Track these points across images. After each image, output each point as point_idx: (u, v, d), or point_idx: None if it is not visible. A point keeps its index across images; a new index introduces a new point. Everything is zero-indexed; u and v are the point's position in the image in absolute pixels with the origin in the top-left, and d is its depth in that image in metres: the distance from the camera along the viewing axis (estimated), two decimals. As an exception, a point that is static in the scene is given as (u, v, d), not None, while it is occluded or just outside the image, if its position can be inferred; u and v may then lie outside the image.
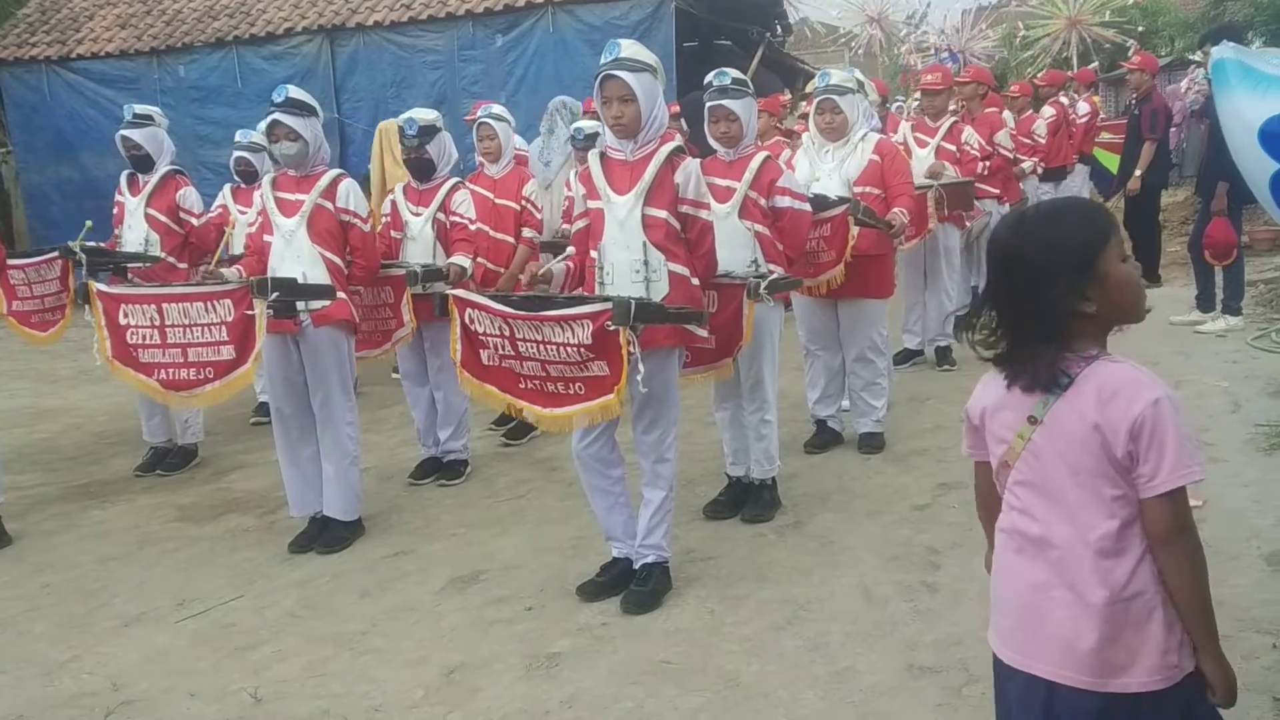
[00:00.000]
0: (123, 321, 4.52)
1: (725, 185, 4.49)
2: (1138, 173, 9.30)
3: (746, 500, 4.87)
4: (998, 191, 8.18)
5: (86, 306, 4.64)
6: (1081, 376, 1.86)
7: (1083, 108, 12.21)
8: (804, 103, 11.24)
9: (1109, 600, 1.86)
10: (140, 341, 4.52)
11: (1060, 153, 11.51)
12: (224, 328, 4.38)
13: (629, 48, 3.86)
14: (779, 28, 18.12)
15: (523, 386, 3.84)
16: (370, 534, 4.98)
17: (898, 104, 12.66)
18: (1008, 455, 1.97)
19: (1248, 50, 4.10)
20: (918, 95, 8.10)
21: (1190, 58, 17.02)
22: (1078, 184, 12.38)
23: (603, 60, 3.84)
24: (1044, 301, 1.86)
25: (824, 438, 5.79)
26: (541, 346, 3.69)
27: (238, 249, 5.98)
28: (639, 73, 3.80)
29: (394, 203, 5.53)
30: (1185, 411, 1.88)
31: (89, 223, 6.04)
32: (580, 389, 3.71)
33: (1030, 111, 10.98)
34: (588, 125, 7.01)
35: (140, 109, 6.21)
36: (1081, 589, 1.88)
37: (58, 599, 4.49)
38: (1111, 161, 11.07)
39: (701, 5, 14.34)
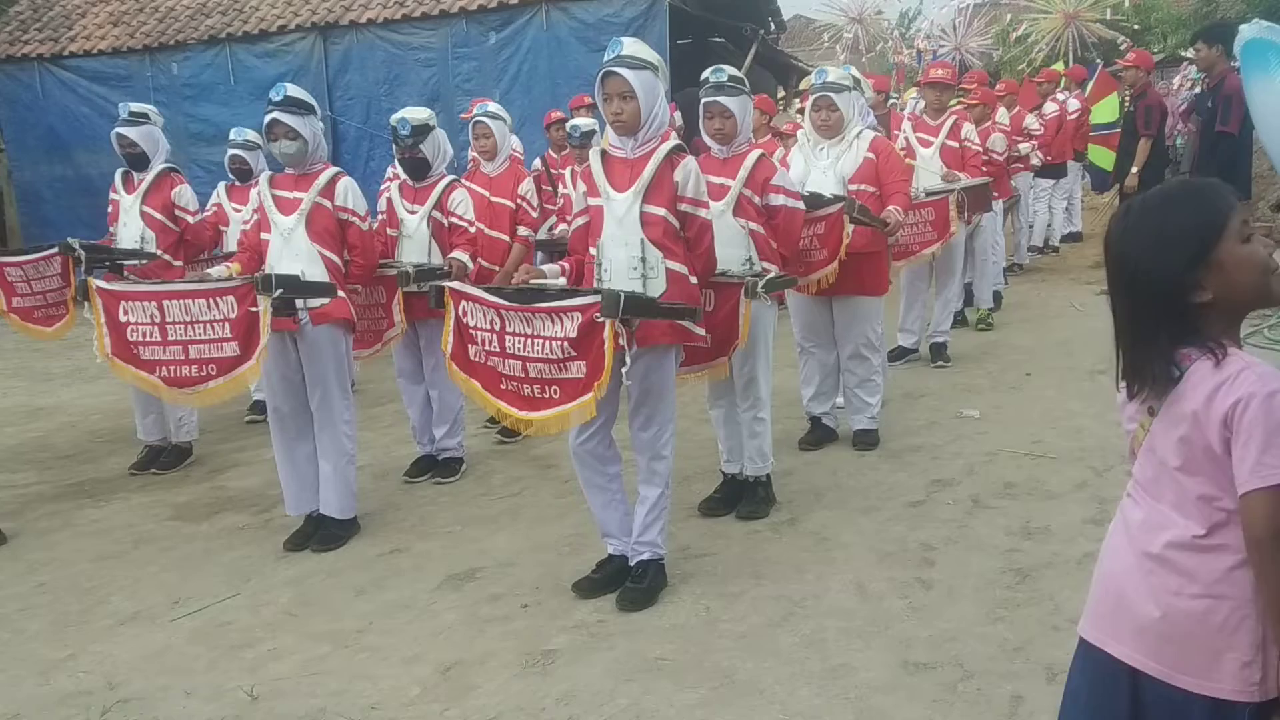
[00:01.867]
0: (123, 318, 4.52)
1: (719, 183, 4.50)
2: (1134, 169, 9.32)
3: (742, 497, 4.88)
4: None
5: (86, 303, 4.63)
6: (1193, 369, 1.80)
7: (1073, 104, 12.24)
8: (798, 100, 11.27)
9: (1186, 598, 1.83)
10: (141, 339, 4.51)
11: (1059, 149, 11.55)
12: (227, 324, 4.38)
13: (631, 45, 3.88)
14: (772, 24, 18.14)
15: (503, 386, 3.85)
16: (366, 532, 4.98)
17: (893, 101, 12.67)
18: (1133, 443, 1.96)
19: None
20: (915, 93, 8.11)
21: (1183, 55, 17.03)
22: (1072, 180, 12.42)
23: (605, 58, 3.86)
24: (1151, 296, 1.81)
25: (819, 435, 5.80)
26: (529, 341, 3.70)
27: (232, 247, 5.97)
28: (640, 70, 3.81)
29: (389, 201, 5.52)
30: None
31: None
32: (555, 392, 3.72)
33: (1019, 109, 10.99)
34: (584, 123, 7.03)
35: (136, 107, 6.20)
36: (1164, 582, 1.85)
37: (53, 597, 4.49)
38: (1105, 158, 11.09)
39: (695, 2, 14.36)
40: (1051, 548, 4.21)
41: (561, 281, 4.09)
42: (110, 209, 6.27)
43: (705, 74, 4.61)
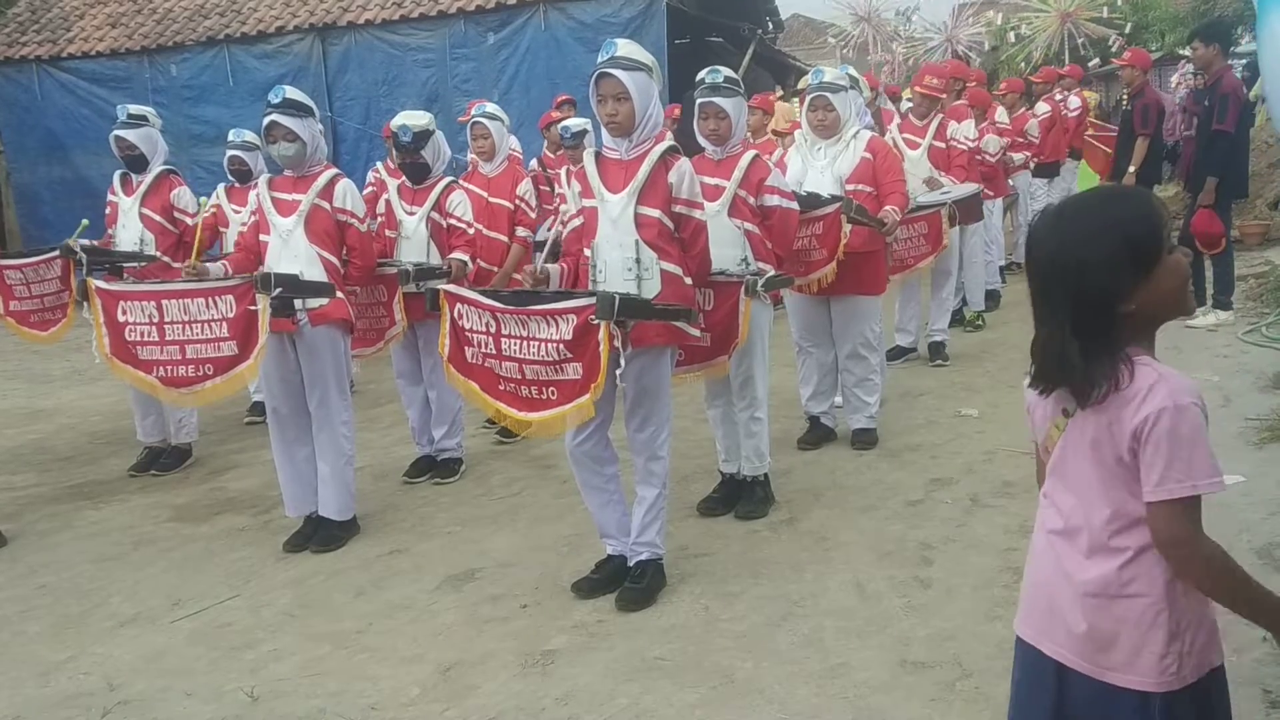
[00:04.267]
0: (121, 319, 4.53)
1: (714, 184, 4.50)
2: (1131, 169, 9.32)
3: (740, 497, 4.88)
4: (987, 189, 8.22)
5: (86, 304, 4.63)
6: (1109, 377, 1.81)
7: (1073, 102, 12.24)
8: (795, 99, 11.27)
9: (1096, 594, 1.88)
10: (139, 339, 4.52)
11: (1054, 149, 11.55)
12: (225, 324, 4.39)
13: (625, 47, 3.89)
14: (770, 24, 18.16)
15: (501, 388, 3.87)
16: (365, 533, 4.99)
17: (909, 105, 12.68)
18: (1047, 442, 1.99)
19: None
20: (908, 97, 8.14)
21: (1180, 53, 17.05)
22: (1069, 179, 12.42)
23: (599, 59, 3.87)
24: (1081, 303, 1.81)
25: (817, 434, 5.81)
26: (525, 343, 3.71)
27: (231, 248, 5.97)
28: (634, 71, 3.82)
29: (388, 202, 5.53)
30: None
31: (85, 221, 6.04)
32: (553, 393, 3.73)
33: (1024, 109, 11.00)
34: (574, 124, 7.04)
35: (134, 109, 6.21)
36: (1079, 579, 1.90)
37: (53, 599, 4.50)
38: (1090, 178, 11.13)
39: (693, 2, 14.38)
40: (1049, 546, 4.21)
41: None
42: (109, 211, 6.29)
43: (701, 75, 4.62)
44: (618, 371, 3.68)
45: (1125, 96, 10.25)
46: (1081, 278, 1.80)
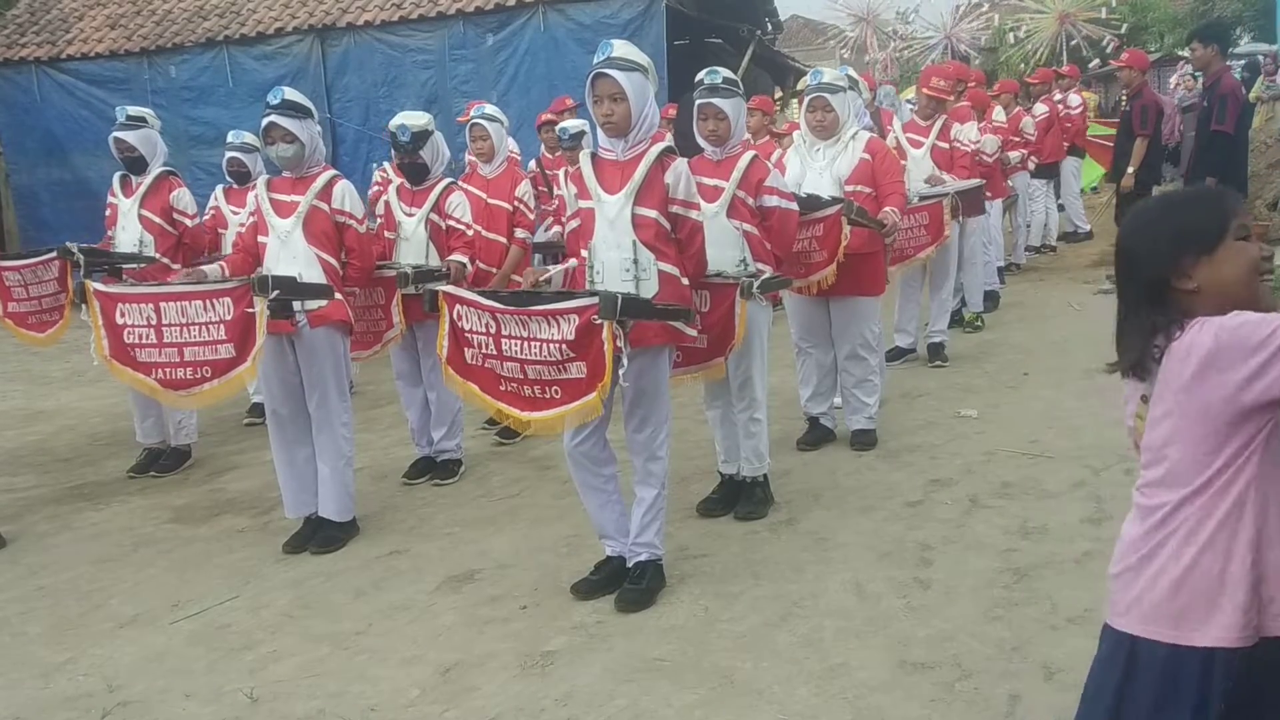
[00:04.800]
0: (120, 321, 4.52)
1: (713, 184, 4.51)
2: (1130, 169, 9.33)
3: (740, 498, 4.88)
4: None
5: (84, 306, 4.63)
6: (1170, 346, 1.87)
7: (1074, 100, 12.26)
8: (795, 100, 11.28)
9: (1187, 556, 1.89)
10: (137, 341, 4.52)
11: (1053, 149, 11.57)
12: (223, 326, 4.38)
13: (621, 47, 3.89)
14: (770, 25, 18.16)
15: (502, 388, 3.87)
16: (365, 534, 4.99)
17: (909, 104, 12.68)
18: (1134, 436, 2.03)
19: None
20: (911, 98, 8.14)
21: (1179, 54, 17.07)
22: (1071, 179, 12.44)
23: (595, 60, 3.87)
24: (1139, 280, 1.93)
25: (816, 435, 5.81)
26: (526, 344, 3.71)
27: (230, 249, 5.97)
28: (630, 72, 3.82)
29: (387, 203, 5.53)
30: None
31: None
32: (556, 393, 3.73)
33: (1019, 109, 11.02)
34: (572, 125, 7.04)
35: (133, 110, 6.21)
36: (1164, 551, 1.92)
37: (53, 601, 4.50)
38: (1094, 171, 11.12)
39: (692, 3, 14.37)
40: (1049, 547, 4.22)
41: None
42: (108, 212, 6.29)
43: (700, 76, 4.63)
44: (620, 371, 3.68)
45: (1124, 97, 10.27)
46: (1137, 254, 1.95)
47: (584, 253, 4.01)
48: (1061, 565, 4.04)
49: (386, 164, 7.10)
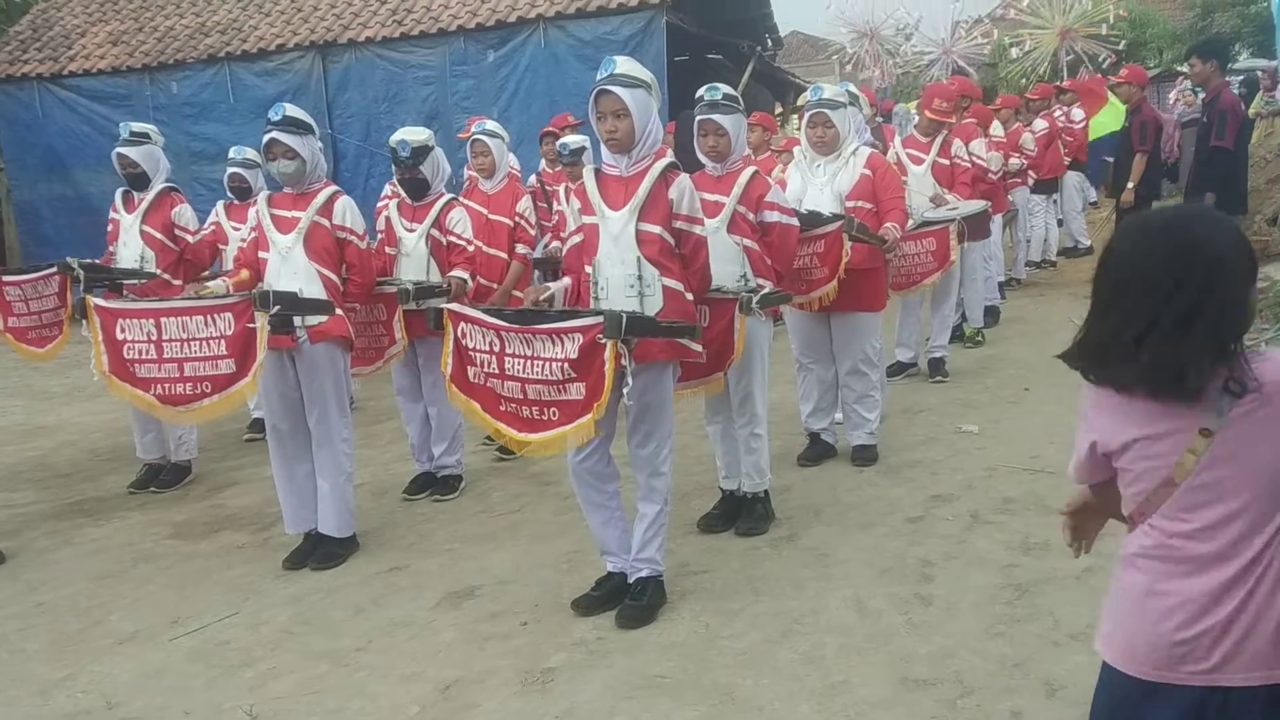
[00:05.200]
0: (120, 336, 4.53)
1: (714, 200, 4.51)
2: (1130, 185, 9.34)
3: (740, 514, 4.88)
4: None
5: (84, 321, 4.63)
6: (1260, 370, 1.79)
7: (1077, 114, 12.28)
8: (795, 116, 11.31)
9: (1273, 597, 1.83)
10: (137, 356, 4.52)
11: (1052, 165, 11.59)
12: (223, 341, 4.38)
13: (624, 64, 3.90)
14: (769, 41, 18.23)
15: (501, 408, 3.86)
16: (364, 550, 4.98)
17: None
18: (1175, 474, 1.86)
19: None
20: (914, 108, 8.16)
21: (1178, 69, 17.13)
22: (1072, 192, 12.43)
23: (599, 76, 3.89)
24: (1234, 300, 1.81)
25: (817, 450, 5.80)
26: (529, 363, 3.71)
27: (230, 265, 5.98)
28: (633, 88, 3.83)
29: (388, 219, 5.54)
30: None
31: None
32: (554, 414, 3.73)
33: (1018, 124, 11.05)
34: (572, 140, 7.06)
35: (137, 127, 6.23)
36: (1258, 589, 1.83)
37: (52, 617, 4.49)
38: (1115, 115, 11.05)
39: (692, 20, 14.42)
40: (1050, 563, 4.21)
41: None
42: (110, 228, 6.30)
43: (700, 92, 4.64)
44: (625, 390, 3.68)
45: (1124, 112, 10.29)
46: (1231, 263, 1.80)
47: (588, 269, 4.01)
48: (1063, 581, 4.03)
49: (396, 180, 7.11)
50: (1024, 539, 4.49)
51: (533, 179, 8.24)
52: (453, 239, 5.46)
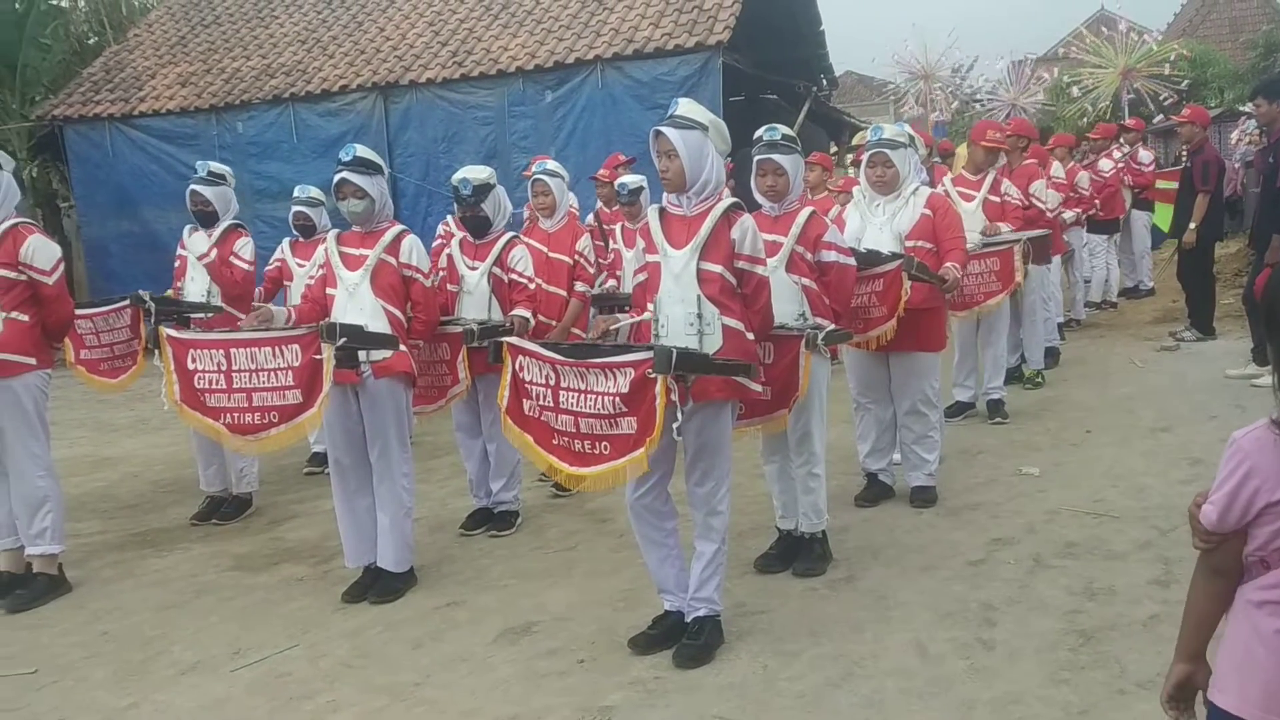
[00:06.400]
0: (191, 366, 4.62)
1: (772, 240, 4.52)
2: (1192, 225, 9.23)
3: (798, 554, 4.85)
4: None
5: (157, 351, 4.74)
6: None
7: (1145, 155, 12.15)
8: (850, 155, 11.32)
9: None
10: (207, 386, 4.61)
11: (1111, 205, 11.46)
12: (290, 372, 4.46)
13: (685, 106, 3.95)
14: (825, 81, 18.28)
15: (555, 441, 3.87)
16: (422, 584, 5.01)
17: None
18: None
19: None
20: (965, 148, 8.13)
21: (1240, 109, 16.91)
22: (1141, 231, 12.25)
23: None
24: None
25: (875, 491, 5.76)
26: (583, 397, 3.73)
27: (296, 302, 6.08)
28: (687, 130, 3.87)
29: (450, 257, 5.61)
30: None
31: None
32: (606, 448, 3.73)
33: (1073, 164, 10.95)
34: (630, 180, 7.12)
35: (215, 168, 6.40)
36: None
37: (117, 646, 4.56)
38: (1164, 215, 10.98)
39: (748, 60, 14.51)
40: (1116, 609, 4.13)
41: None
42: (177, 263, 6.45)
43: (759, 132, 4.66)
44: (675, 426, 3.68)
45: (1184, 153, 10.18)
46: None
47: (650, 306, 4.04)
48: (1129, 628, 3.95)
49: (450, 218, 7.21)
50: (1087, 584, 4.42)
51: (590, 218, 8.30)
52: (514, 276, 5.51)
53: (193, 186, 6.27)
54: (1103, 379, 8.51)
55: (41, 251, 5.00)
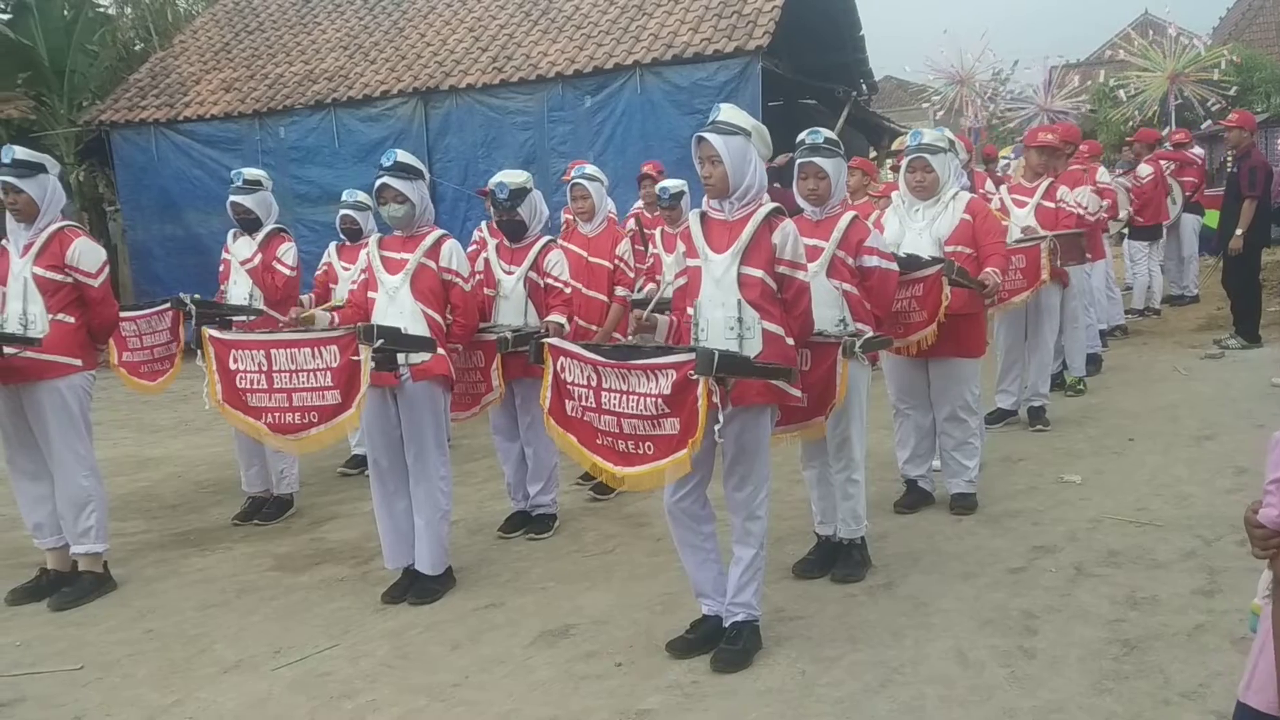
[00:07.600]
0: (233, 366, 4.67)
1: (813, 244, 4.50)
2: (1239, 231, 9.11)
3: (836, 560, 4.83)
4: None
5: (199, 352, 4.79)
6: None
7: (1145, 170, 11.99)
8: (890, 160, 11.26)
9: None
10: (249, 386, 4.65)
11: (1155, 211, 11.33)
12: (329, 373, 4.50)
13: (727, 112, 3.95)
14: (864, 86, 18.20)
15: (599, 441, 3.87)
16: (461, 586, 5.03)
17: (1006, 161, 12.54)
18: None
19: None
20: (1008, 155, 8.07)
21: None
22: (1190, 235, 12.09)
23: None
24: None
25: (914, 498, 5.72)
26: (624, 398, 3.73)
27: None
28: (728, 135, 3.87)
29: (486, 261, 5.64)
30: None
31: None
32: (649, 448, 3.73)
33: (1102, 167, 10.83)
34: (671, 185, 7.13)
35: (249, 174, 6.46)
36: None
37: (160, 644, 4.62)
38: (1214, 217, 10.84)
39: (787, 66, 14.49)
40: (1160, 618, 4.08)
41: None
42: (222, 267, 6.53)
43: (801, 136, 4.66)
44: (716, 428, 3.68)
45: (1230, 158, 10.05)
46: None
47: (690, 310, 4.04)
48: (1173, 638, 3.90)
49: (484, 224, 7.26)
50: (1130, 593, 4.36)
51: (630, 221, 8.31)
52: (550, 281, 5.53)
53: (232, 199, 6.34)
54: (1145, 386, 8.41)
55: (87, 254, 5.09)
